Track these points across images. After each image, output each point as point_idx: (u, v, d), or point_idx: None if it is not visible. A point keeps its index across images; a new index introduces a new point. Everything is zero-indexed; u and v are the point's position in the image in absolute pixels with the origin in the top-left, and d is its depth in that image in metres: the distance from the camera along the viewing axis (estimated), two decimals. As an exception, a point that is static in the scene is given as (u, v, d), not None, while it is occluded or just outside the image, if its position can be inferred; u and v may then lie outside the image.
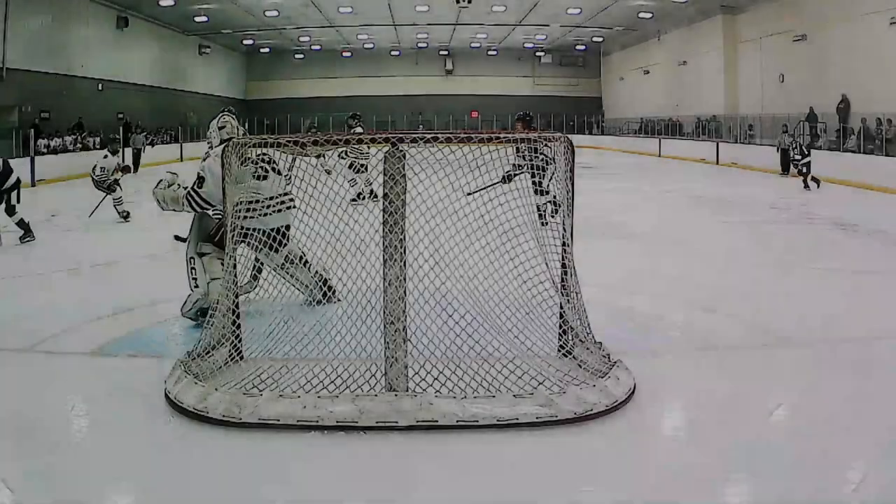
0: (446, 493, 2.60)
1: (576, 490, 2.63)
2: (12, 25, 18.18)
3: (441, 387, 3.19)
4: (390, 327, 3.11)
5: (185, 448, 2.93)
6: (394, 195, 3.15)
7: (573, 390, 3.12)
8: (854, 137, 16.25)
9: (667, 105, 27.98)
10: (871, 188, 13.30)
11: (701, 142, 23.05)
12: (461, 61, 36.89)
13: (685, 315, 4.65)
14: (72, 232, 9.06)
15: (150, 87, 26.60)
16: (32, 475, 2.69)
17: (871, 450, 2.91)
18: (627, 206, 11.26)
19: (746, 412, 3.24)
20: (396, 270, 3.12)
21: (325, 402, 3.01)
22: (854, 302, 5.16)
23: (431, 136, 3.31)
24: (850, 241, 8.02)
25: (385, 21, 29.09)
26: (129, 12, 23.84)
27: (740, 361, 3.92)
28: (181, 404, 3.12)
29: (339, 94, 35.83)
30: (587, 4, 26.03)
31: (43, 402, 3.37)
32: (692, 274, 5.68)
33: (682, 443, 3.06)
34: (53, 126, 19.56)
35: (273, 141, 3.58)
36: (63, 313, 4.84)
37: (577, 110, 34.62)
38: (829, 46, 18.31)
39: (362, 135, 3.57)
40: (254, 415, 2.97)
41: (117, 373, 3.76)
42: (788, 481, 2.62)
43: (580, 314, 3.71)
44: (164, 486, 2.62)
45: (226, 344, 3.67)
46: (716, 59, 24.39)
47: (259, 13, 26.87)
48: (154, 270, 6.58)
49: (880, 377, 3.67)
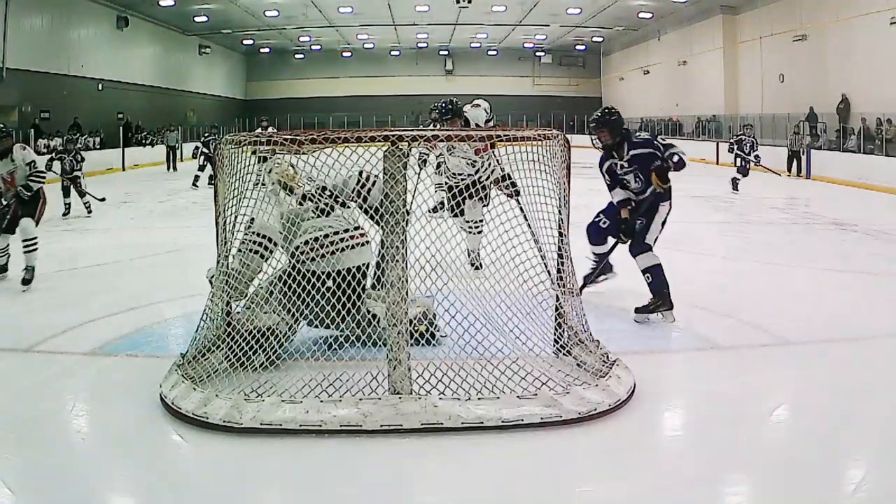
0: (454, 496, 2.60)
1: (581, 490, 2.63)
2: (12, 25, 18.17)
3: (445, 389, 3.18)
4: (392, 329, 3.10)
5: (186, 452, 2.93)
6: (394, 195, 3.14)
7: (576, 390, 3.12)
8: (854, 137, 16.26)
9: (667, 105, 27.98)
10: (871, 188, 13.31)
11: (701, 142, 23.04)
12: (461, 61, 36.87)
13: (685, 315, 4.64)
14: (72, 232, 9.05)
15: (150, 87, 26.58)
16: (32, 475, 2.68)
17: (870, 449, 2.92)
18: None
19: (746, 412, 3.24)
20: (398, 271, 3.11)
21: (328, 406, 2.99)
22: (854, 302, 5.16)
23: (431, 134, 3.30)
24: (850, 241, 8.01)
25: (385, 21, 29.08)
26: (129, 12, 23.83)
27: (740, 361, 3.92)
28: (180, 410, 3.09)
29: (339, 94, 35.85)
30: (587, 4, 26.02)
31: (42, 403, 3.37)
32: (692, 273, 5.67)
33: (682, 443, 3.06)
34: (53, 126, 19.55)
35: (270, 140, 3.54)
36: (63, 313, 4.84)
37: (577, 110, 34.53)
38: (829, 46, 18.31)
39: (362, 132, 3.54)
40: (255, 420, 2.95)
41: (117, 373, 3.76)
42: (788, 481, 2.62)
43: (578, 312, 3.71)
44: (164, 490, 2.62)
45: (222, 347, 3.66)
46: (716, 59, 24.39)
47: (259, 13, 26.85)
48: (154, 270, 6.58)
49: (880, 377, 3.67)
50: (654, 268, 4.54)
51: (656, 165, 4.55)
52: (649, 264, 4.55)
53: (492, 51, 36.49)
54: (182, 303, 4.95)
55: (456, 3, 24.73)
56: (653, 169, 4.55)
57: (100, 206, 10.57)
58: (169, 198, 13.22)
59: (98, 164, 18.03)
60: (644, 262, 4.57)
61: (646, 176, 4.62)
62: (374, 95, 35.48)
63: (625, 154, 4.66)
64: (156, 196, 13.36)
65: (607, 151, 4.75)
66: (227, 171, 3.59)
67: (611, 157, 4.74)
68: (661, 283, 4.51)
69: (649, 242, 4.63)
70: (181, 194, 13.70)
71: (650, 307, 4.52)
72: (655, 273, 4.52)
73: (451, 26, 30.46)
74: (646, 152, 4.60)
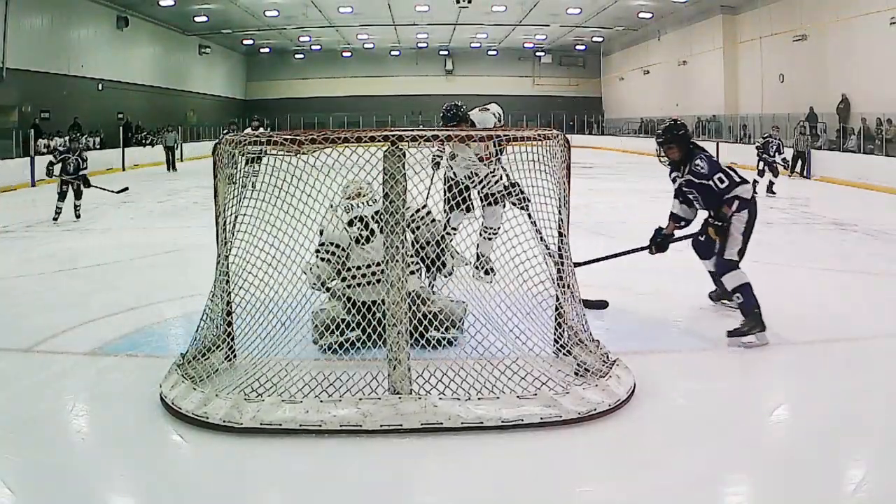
0: (454, 496, 2.60)
1: (581, 490, 2.63)
2: (12, 25, 18.17)
3: (445, 389, 3.18)
4: (392, 329, 3.10)
5: (186, 452, 2.93)
6: (394, 195, 3.14)
7: (576, 390, 3.12)
8: (854, 137, 16.26)
9: (667, 105, 27.96)
10: (871, 188, 13.31)
11: (701, 142, 22.92)
12: (461, 61, 36.88)
13: (684, 315, 4.65)
14: (72, 232, 9.05)
15: (150, 87, 26.59)
16: (32, 475, 2.68)
17: (870, 450, 2.92)
18: (627, 206, 11.25)
19: (746, 412, 3.24)
20: (398, 271, 3.11)
21: (328, 406, 2.99)
22: (854, 302, 5.16)
23: (431, 134, 3.30)
24: (850, 241, 8.01)
25: (385, 21, 29.09)
26: (129, 12, 23.84)
27: (740, 361, 3.92)
28: (180, 409, 3.09)
29: (339, 94, 35.87)
30: (587, 4, 26.03)
31: (42, 403, 3.37)
32: (692, 273, 5.66)
33: (682, 442, 3.06)
34: (53, 126, 19.55)
35: (268, 139, 3.54)
36: (63, 313, 4.84)
37: (577, 110, 34.63)
38: (829, 46, 18.32)
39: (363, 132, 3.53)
40: (255, 419, 2.95)
41: (117, 373, 3.76)
42: (788, 481, 2.62)
43: (578, 312, 3.71)
44: (164, 490, 2.62)
45: (222, 347, 3.66)
46: (716, 59, 24.40)
47: (259, 13, 26.86)
48: (154, 270, 6.58)
49: (880, 377, 3.67)
50: (742, 287, 4.16)
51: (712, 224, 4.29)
52: (737, 283, 4.19)
53: (492, 51, 36.50)
54: (182, 303, 4.95)
55: (456, 3, 24.74)
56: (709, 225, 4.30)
57: (100, 206, 10.57)
58: (169, 198, 13.22)
59: (98, 164, 17.98)
60: (731, 281, 4.23)
61: (704, 203, 4.39)
62: (374, 95, 35.49)
63: (684, 173, 4.45)
64: (156, 196, 13.36)
65: (674, 165, 4.55)
66: (226, 171, 3.60)
67: (677, 170, 4.55)
68: (752, 303, 4.12)
69: (731, 258, 4.26)
70: (181, 194, 13.71)
71: (744, 330, 4.09)
72: (745, 292, 4.15)
73: (451, 26, 30.47)
74: (703, 182, 4.33)
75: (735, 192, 4.24)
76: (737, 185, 4.26)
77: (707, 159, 4.38)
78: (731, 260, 4.26)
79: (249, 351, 3.56)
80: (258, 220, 3.53)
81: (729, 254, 4.27)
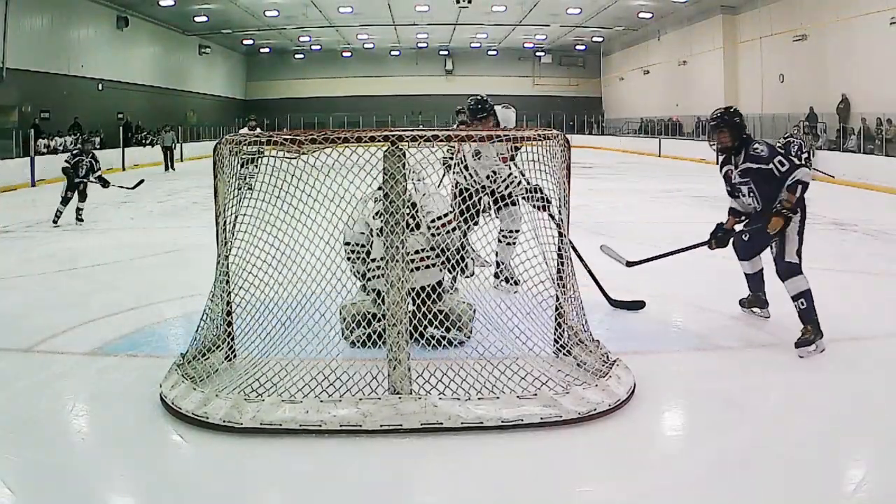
0: (454, 496, 2.60)
1: (581, 490, 2.63)
2: (12, 25, 18.18)
3: (445, 389, 3.18)
4: (392, 329, 3.10)
5: (186, 452, 2.93)
6: (394, 195, 3.14)
7: (576, 390, 3.12)
8: (854, 137, 16.26)
9: (667, 105, 27.98)
10: (871, 188, 13.31)
11: (701, 142, 23.01)
12: (461, 61, 36.88)
13: (684, 315, 4.65)
14: (72, 232, 9.05)
15: (150, 87, 26.61)
16: (32, 475, 2.68)
17: (871, 450, 2.92)
18: (627, 206, 11.25)
19: (746, 412, 3.24)
20: (398, 271, 3.11)
21: (328, 406, 2.99)
22: (854, 302, 5.15)
23: (431, 134, 3.30)
24: (850, 241, 8.01)
25: (385, 21, 29.10)
26: (129, 12, 23.85)
27: (740, 361, 3.92)
28: (180, 409, 3.09)
29: (339, 94, 35.87)
30: (587, 4, 26.04)
31: (42, 403, 3.36)
32: (692, 273, 5.66)
33: (682, 442, 3.06)
34: (53, 126, 19.56)
35: (268, 139, 3.54)
36: (63, 313, 4.84)
37: (577, 110, 34.63)
38: (829, 46, 18.33)
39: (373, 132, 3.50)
40: (255, 419, 2.95)
41: (117, 373, 3.76)
42: (788, 481, 2.62)
43: (578, 311, 3.71)
44: (164, 490, 2.61)
45: (222, 347, 3.66)
46: (716, 59, 24.40)
47: (259, 13, 26.87)
48: (154, 270, 6.58)
49: (880, 377, 3.67)
50: (806, 293, 3.99)
51: (776, 210, 4.01)
52: (800, 289, 3.99)
53: (492, 51, 36.50)
54: (182, 303, 4.95)
55: (456, 3, 24.76)
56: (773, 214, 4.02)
57: (99, 206, 10.55)
58: (169, 198, 13.22)
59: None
60: (794, 286, 4.02)
61: (760, 194, 4.16)
62: (374, 95, 35.50)
63: (739, 163, 4.19)
64: (156, 196, 13.34)
65: (727, 155, 4.28)
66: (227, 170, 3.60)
67: (729, 163, 4.28)
68: (813, 309, 3.97)
69: (792, 260, 4.04)
70: (181, 194, 13.70)
71: (810, 339, 3.91)
72: (809, 298, 3.98)
73: (451, 26, 30.48)
74: (761, 168, 4.06)
75: (797, 175, 3.96)
76: (796, 168, 4.01)
77: (765, 143, 4.19)
78: (793, 263, 4.02)
79: (249, 351, 3.57)
80: (258, 220, 3.54)
81: (789, 256, 4.04)
